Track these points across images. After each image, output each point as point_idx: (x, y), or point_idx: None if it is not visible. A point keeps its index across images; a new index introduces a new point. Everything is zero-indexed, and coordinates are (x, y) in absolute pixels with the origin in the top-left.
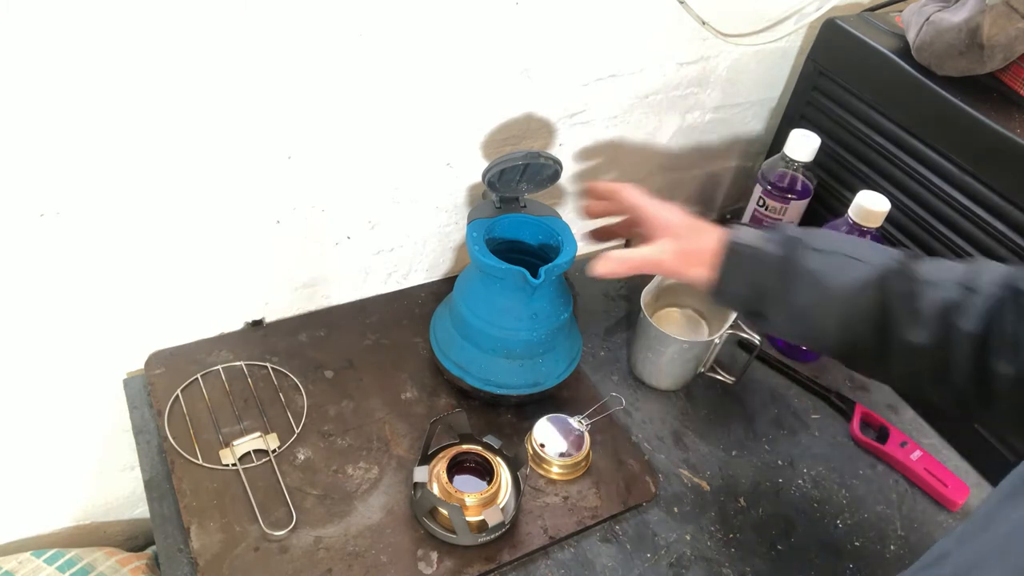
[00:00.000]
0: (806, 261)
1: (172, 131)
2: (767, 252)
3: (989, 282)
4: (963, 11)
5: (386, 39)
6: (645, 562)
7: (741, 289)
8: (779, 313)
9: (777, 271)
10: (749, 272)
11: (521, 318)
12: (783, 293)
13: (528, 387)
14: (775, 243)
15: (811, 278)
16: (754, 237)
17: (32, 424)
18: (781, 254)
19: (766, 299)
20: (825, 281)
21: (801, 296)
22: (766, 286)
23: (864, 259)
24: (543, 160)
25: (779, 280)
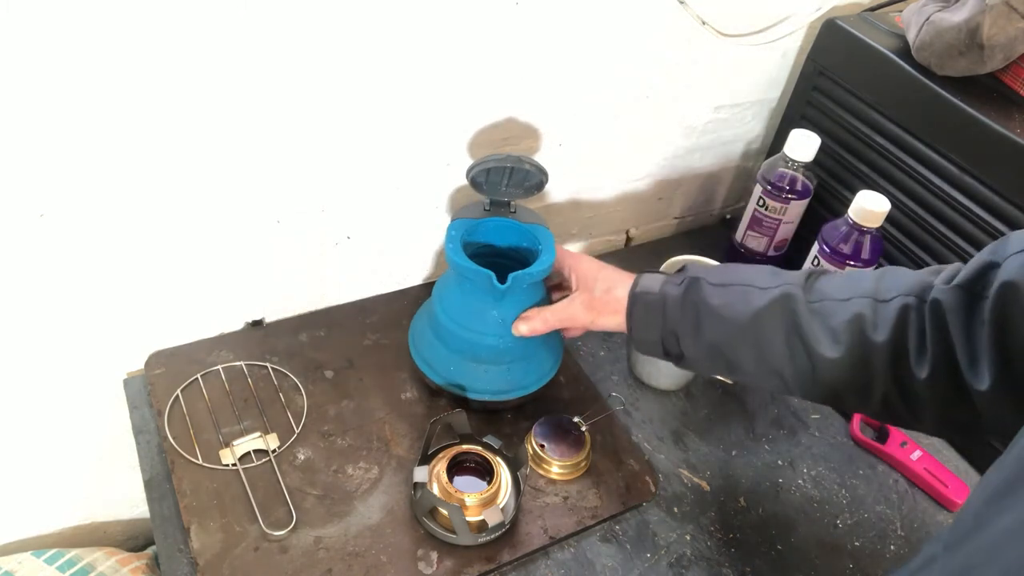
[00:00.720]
0: (707, 297)
1: (172, 131)
2: (670, 295)
3: (894, 290)
4: (963, 11)
5: (386, 39)
6: (645, 562)
7: (653, 334)
8: (695, 352)
9: (681, 312)
10: (657, 317)
11: (488, 322)
12: (693, 332)
13: (492, 393)
14: (676, 285)
15: (713, 313)
16: (658, 283)
17: (32, 424)
18: (681, 295)
19: (680, 340)
20: (725, 312)
21: (708, 332)
22: (676, 329)
23: (761, 285)
24: (528, 167)
25: (685, 321)
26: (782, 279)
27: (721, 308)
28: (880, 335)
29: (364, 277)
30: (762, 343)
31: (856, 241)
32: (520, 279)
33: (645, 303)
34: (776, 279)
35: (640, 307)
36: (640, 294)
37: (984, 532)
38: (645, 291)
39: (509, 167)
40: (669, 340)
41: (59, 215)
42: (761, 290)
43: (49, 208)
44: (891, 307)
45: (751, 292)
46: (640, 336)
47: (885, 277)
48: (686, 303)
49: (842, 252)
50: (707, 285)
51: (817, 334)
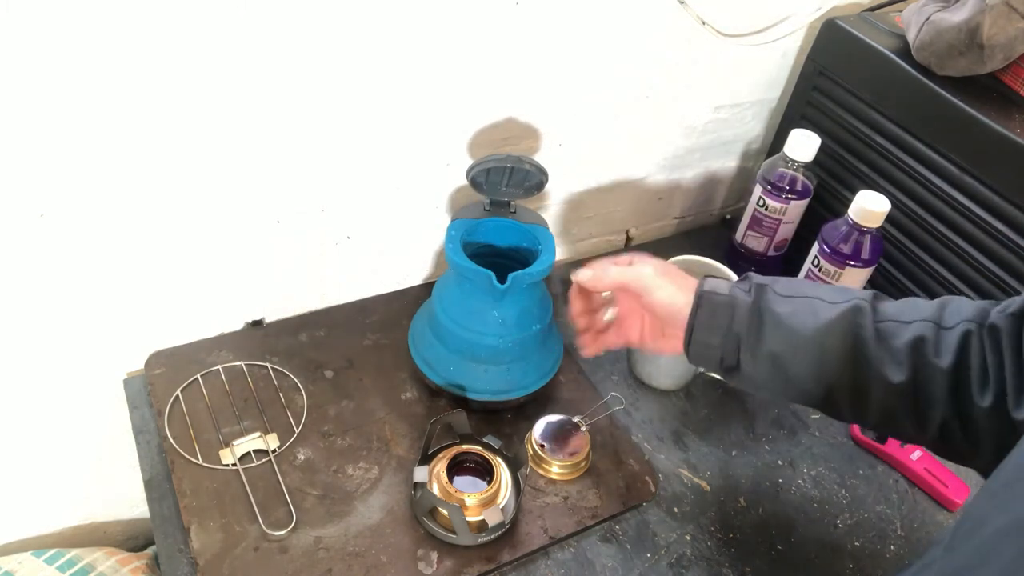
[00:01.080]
0: (775, 306)
1: (172, 131)
2: (739, 300)
3: (957, 317)
4: (963, 11)
5: (386, 39)
6: (645, 562)
7: (715, 338)
8: (752, 363)
9: (748, 318)
10: (723, 320)
11: (488, 322)
12: (755, 340)
13: (492, 393)
14: (745, 291)
15: (780, 323)
16: (726, 286)
17: (33, 424)
18: (751, 300)
19: (740, 347)
20: (793, 324)
21: (772, 342)
22: (739, 334)
23: (830, 300)
24: (528, 167)
25: (750, 327)
26: (851, 295)
27: (788, 317)
28: (943, 360)
29: (364, 277)
30: (825, 357)
31: (856, 241)
32: (520, 279)
33: (712, 303)
34: (844, 295)
35: (707, 307)
36: (708, 293)
37: (981, 533)
38: (713, 291)
39: (509, 167)
40: (729, 347)
41: (59, 215)
42: (829, 304)
43: (49, 208)
44: (954, 333)
45: (819, 304)
46: (700, 338)
47: (948, 305)
48: (754, 309)
49: (842, 252)
50: (773, 293)
51: (881, 354)
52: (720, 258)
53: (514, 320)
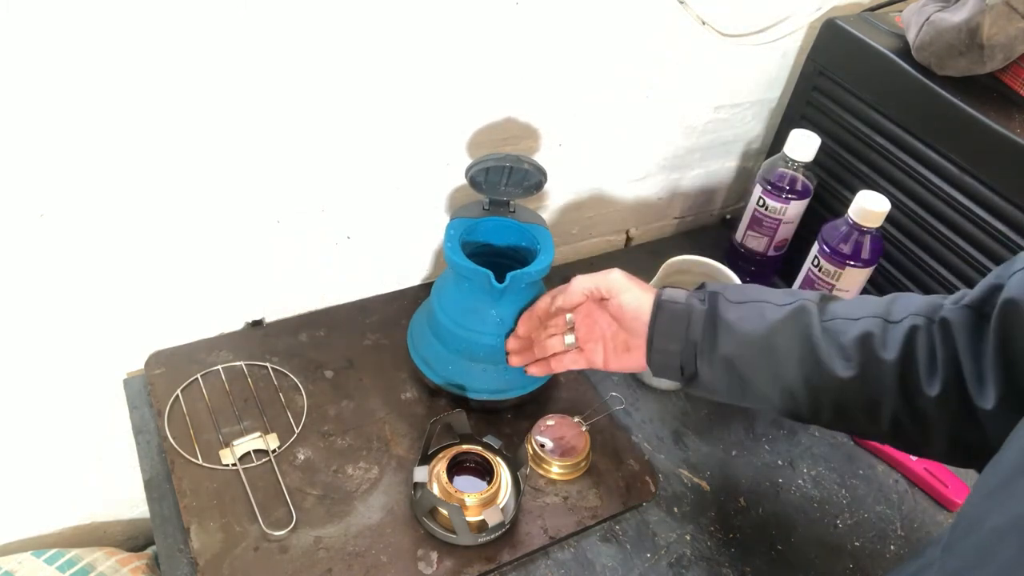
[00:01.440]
0: (726, 312)
1: (172, 132)
2: (695, 308)
3: (904, 311)
4: (963, 11)
5: (386, 39)
6: (645, 562)
7: (674, 344)
8: (709, 369)
9: (703, 325)
10: (680, 328)
11: (486, 321)
12: (710, 346)
13: (491, 393)
14: (700, 300)
15: (731, 327)
16: (682, 295)
17: (32, 424)
18: (705, 308)
19: (696, 354)
20: (743, 328)
21: (725, 346)
22: (695, 341)
23: (777, 303)
24: (526, 166)
25: (705, 333)
26: (797, 296)
27: (738, 321)
28: (889, 353)
29: (364, 277)
30: (776, 357)
31: (856, 241)
32: (518, 278)
33: (671, 312)
34: (791, 297)
35: (665, 314)
36: (666, 302)
37: (978, 533)
38: (671, 299)
39: (508, 166)
40: (687, 354)
41: (59, 215)
42: (777, 306)
43: (49, 208)
44: (901, 327)
45: (766, 307)
46: (660, 345)
47: (897, 300)
48: (708, 316)
49: (842, 252)
50: (724, 301)
51: (829, 351)
52: (720, 258)
53: (513, 319)
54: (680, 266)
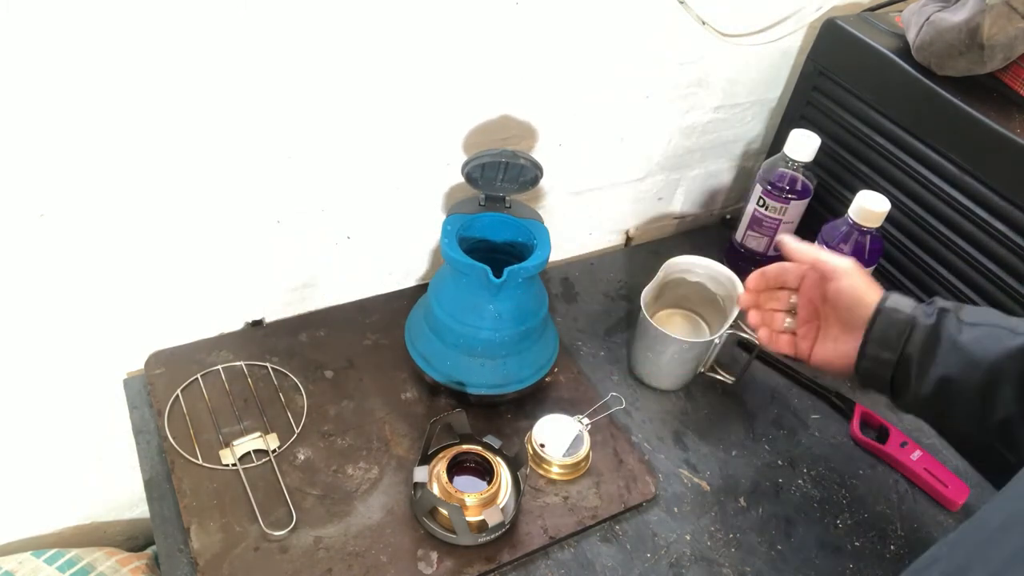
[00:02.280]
0: (955, 332)
1: (172, 131)
2: (919, 320)
3: None
4: (963, 11)
5: (386, 39)
6: (645, 562)
7: (886, 354)
8: (924, 384)
9: (925, 340)
10: (899, 339)
11: (484, 317)
12: (927, 361)
13: (489, 387)
14: (928, 312)
15: (957, 347)
16: (908, 304)
17: (33, 424)
18: (931, 323)
19: (910, 367)
20: (973, 349)
21: (945, 366)
22: (911, 354)
23: (1016, 330)
24: (522, 161)
25: (925, 349)
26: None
27: (969, 343)
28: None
29: (364, 277)
30: (999, 388)
31: (856, 241)
32: (516, 273)
33: (891, 320)
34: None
35: (884, 321)
36: (888, 308)
37: (984, 530)
38: (895, 307)
39: (504, 162)
40: (902, 367)
41: (59, 215)
42: (1016, 334)
43: (49, 208)
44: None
45: (1003, 333)
46: (874, 352)
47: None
48: (934, 332)
49: (842, 252)
50: (956, 320)
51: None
52: (720, 258)
53: (510, 314)
54: (680, 266)
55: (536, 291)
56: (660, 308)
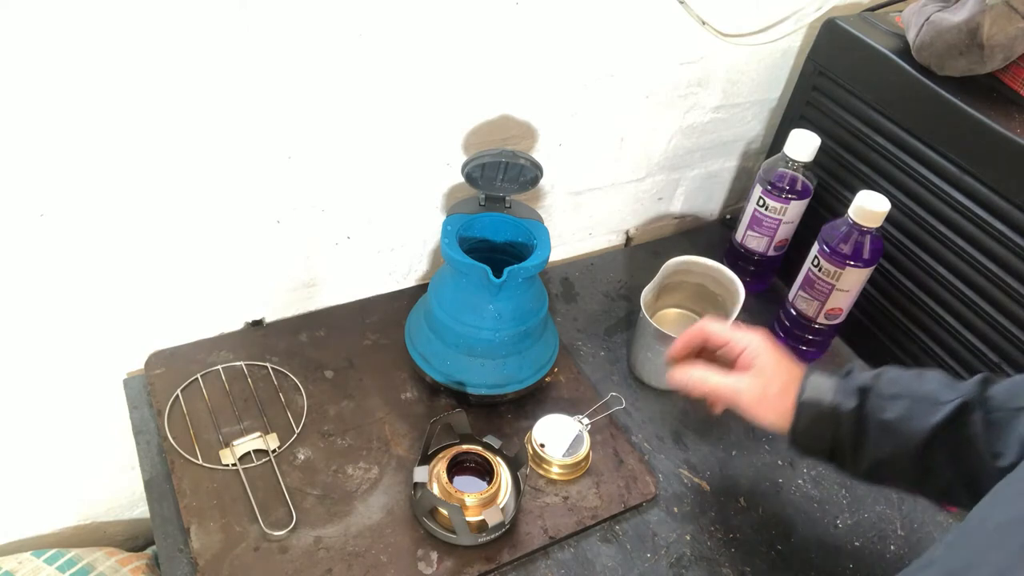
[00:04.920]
0: (879, 412)
1: (173, 132)
2: (840, 409)
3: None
4: (963, 11)
5: (386, 39)
6: (645, 562)
7: (816, 443)
8: (856, 464)
9: (850, 427)
10: (826, 431)
11: (484, 317)
12: (858, 446)
13: (489, 387)
14: (846, 394)
15: (887, 430)
16: (827, 389)
17: (33, 424)
18: (853, 407)
19: (844, 452)
20: (901, 429)
21: (877, 449)
22: (841, 441)
23: (938, 399)
24: (522, 161)
25: (853, 435)
26: (959, 391)
27: (895, 422)
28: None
29: (364, 277)
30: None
31: (856, 241)
32: (515, 273)
33: (814, 415)
34: (953, 392)
35: (807, 417)
36: (808, 404)
37: (980, 532)
38: (814, 401)
39: (504, 162)
40: (836, 454)
41: (59, 215)
42: (938, 405)
43: (49, 208)
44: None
45: (926, 407)
46: (805, 443)
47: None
48: (857, 417)
49: (842, 252)
50: (879, 398)
51: (993, 446)
52: (720, 258)
53: (510, 314)
54: (680, 266)
55: (536, 291)
56: (660, 308)
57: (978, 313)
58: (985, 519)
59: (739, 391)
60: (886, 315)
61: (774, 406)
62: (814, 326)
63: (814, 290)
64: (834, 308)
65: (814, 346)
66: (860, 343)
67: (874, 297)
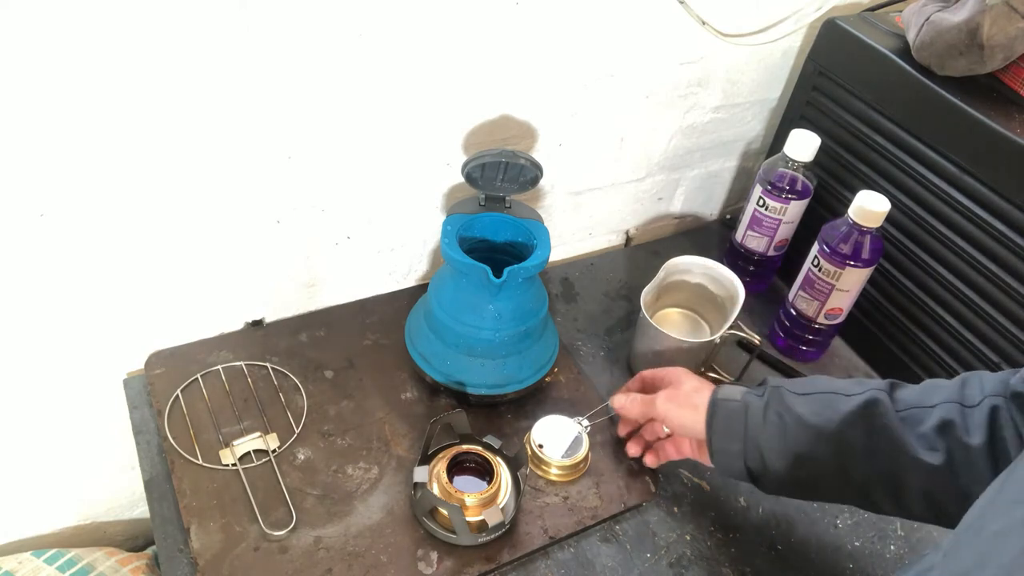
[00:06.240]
0: (792, 405)
1: (173, 131)
2: (752, 404)
3: (979, 393)
4: (963, 11)
5: (386, 39)
6: (645, 562)
7: (735, 444)
8: (777, 466)
9: (764, 422)
10: (739, 426)
11: (484, 317)
12: (778, 443)
13: (489, 387)
14: (758, 396)
15: (800, 421)
16: (739, 392)
17: (33, 424)
18: (764, 404)
19: (761, 451)
20: (812, 420)
21: (793, 442)
22: (759, 440)
23: (847, 393)
24: (522, 161)
25: (768, 430)
26: (867, 386)
27: (807, 416)
28: (975, 439)
29: (364, 277)
30: (848, 450)
31: (856, 241)
32: (516, 273)
33: (727, 411)
34: (861, 386)
35: (721, 415)
36: (721, 400)
37: (980, 537)
38: (726, 398)
39: (504, 162)
40: (752, 453)
41: (59, 215)
42: (847, 396)
43: (49, 208)
44: (981, 410)
45: (837, 399)
46: (720, 446)
47: (968, 382)
48: (769, 412)
49: (842, 252)
50: (790, 394)
51: (911, 440)
52: (720, 258)
53: (510, 314)
54: (680, 266)
55: (536, 291)
56: (660, 308)
57: (978, 313)
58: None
59: (655, 398)
60: (886, 315)
61: (687, 401)
62: (814, 326)
63: (814, 290)
64: (834, 308)
65: (814, 346)
66: (860, 343)
67: (874, 297)
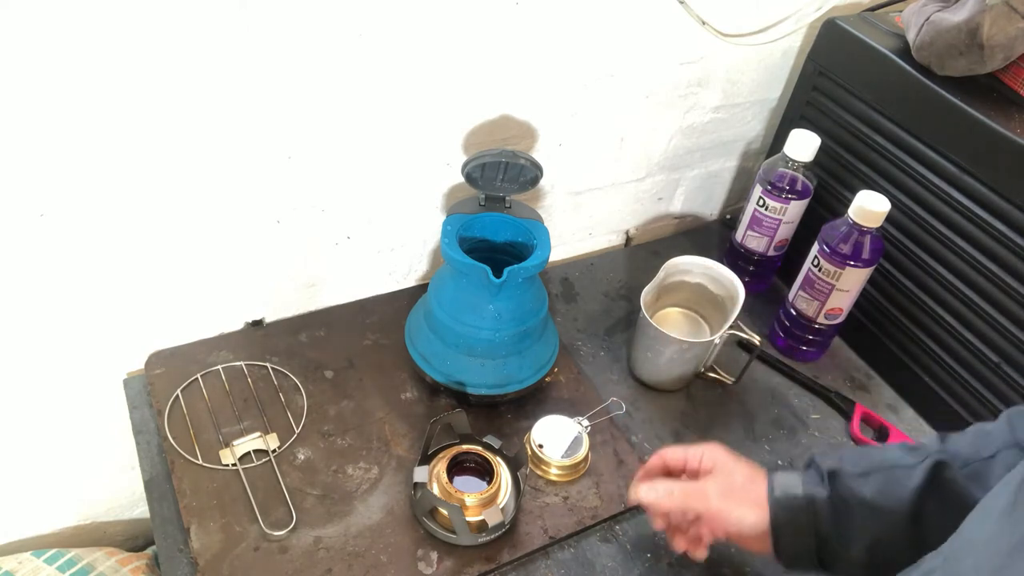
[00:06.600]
0: (855, 489)
1: (173, 132)
2: (818, 497)
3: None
4: (963, 11)
5: (386, 39)
6: (645, 562)
7: (806, 543)
8: (854, 554)
9: (834, 514)
10: (808, 523)
11: (484, 317)
12: (845, 532)
13: (489, 387)
14: (815, 483)
15: (868, 506)
16: (796, 483)
17: (33, 424)
18: (828, 494)
19: (835, 546)
20: (882, 503)
21: (864, 530)
22: (829, 533)
23: (906, 464)
24: (522, 161)
25: (835, 522)
26: (924, 452)
27: (875, 499)
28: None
29: (364, 277)
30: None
31: (856, 241)
32: (516, 273)
33: (792, 509)
34: (917, 454)
35: (786, 514)
36: (784, 499)
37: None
38: (788, 494)
39: (504, 162)
40: (824, 548)
41: (59, 215)
42: (908, 469)
43: (49, 208)
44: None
45: (900, 473)
46: (792, 550)
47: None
48: (836, 502)
49: (842, 252)
50: (850, 476)
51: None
52: (720, 258)
53: (510, 314)
54: (680, 266)
55: (536, 291)
56: (660, 308)
57: (978, 313)
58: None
59: (705, 490)
60: (886, 315)
61: (745, 496)
62: (814, 326)
63: (814, 290)
64: (834, 308)
65: (814, 346)
66: (860, 343)
67: (874, 297)
